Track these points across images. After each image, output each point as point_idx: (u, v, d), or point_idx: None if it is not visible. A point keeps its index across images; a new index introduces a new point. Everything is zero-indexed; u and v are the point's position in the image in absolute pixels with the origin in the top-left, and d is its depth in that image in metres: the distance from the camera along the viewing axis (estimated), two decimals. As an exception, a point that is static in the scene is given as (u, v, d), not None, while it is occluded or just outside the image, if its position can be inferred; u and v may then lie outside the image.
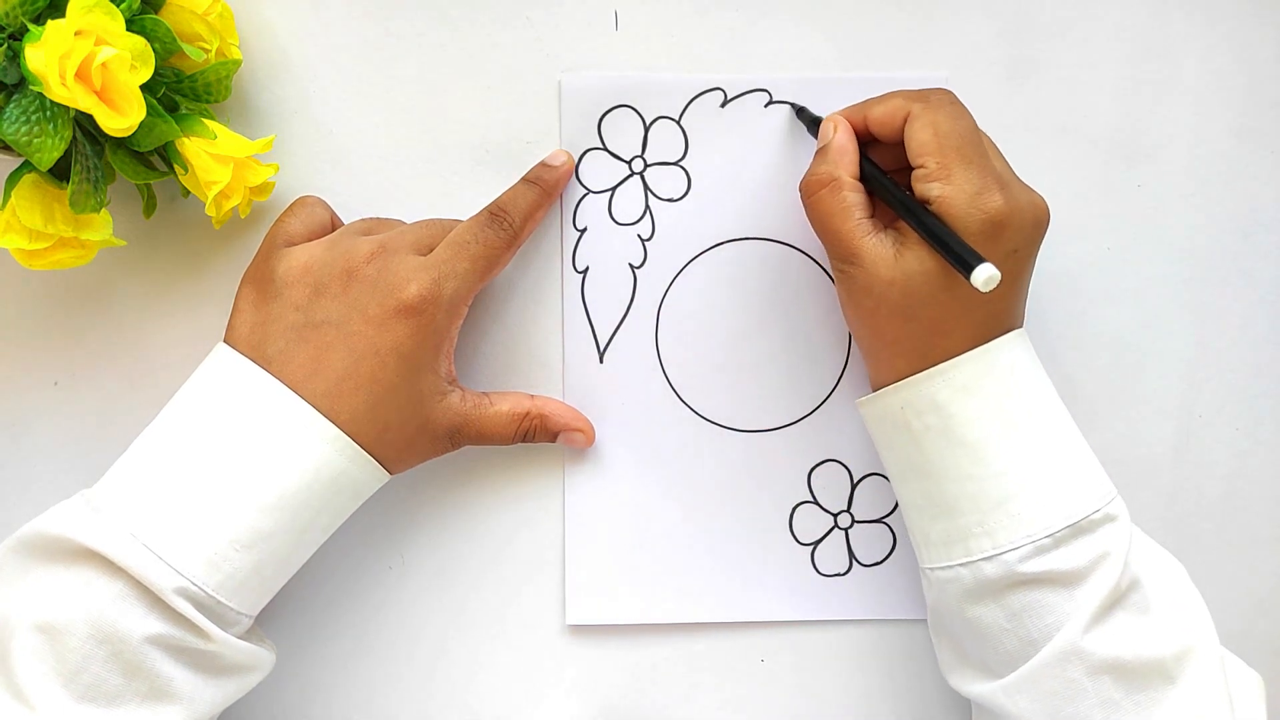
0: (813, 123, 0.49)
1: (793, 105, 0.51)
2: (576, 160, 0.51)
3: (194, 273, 0.51)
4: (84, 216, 0.45)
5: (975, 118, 0.45)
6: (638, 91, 0.51)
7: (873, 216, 0.45)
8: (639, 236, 0.51)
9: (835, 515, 0.52)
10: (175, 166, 0.47)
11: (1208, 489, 0.52)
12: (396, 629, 0.51)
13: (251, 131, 0.51)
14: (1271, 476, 0.53)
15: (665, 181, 0.51)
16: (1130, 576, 0.42)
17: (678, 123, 0.51)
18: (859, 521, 0.52)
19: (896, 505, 0.52)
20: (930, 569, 0.46)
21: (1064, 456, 0.44)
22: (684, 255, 0.51)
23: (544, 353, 0.51)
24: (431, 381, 0.46)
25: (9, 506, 0.51)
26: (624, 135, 0.51)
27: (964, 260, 0.41)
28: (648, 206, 0.51)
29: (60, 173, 0.45)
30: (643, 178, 0.51)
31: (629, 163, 0.51)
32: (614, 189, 0.51)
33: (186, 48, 0.46)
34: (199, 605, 0.42)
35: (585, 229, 0.51)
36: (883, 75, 0.51)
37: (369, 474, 0.46)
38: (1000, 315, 0.44)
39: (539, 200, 0.49)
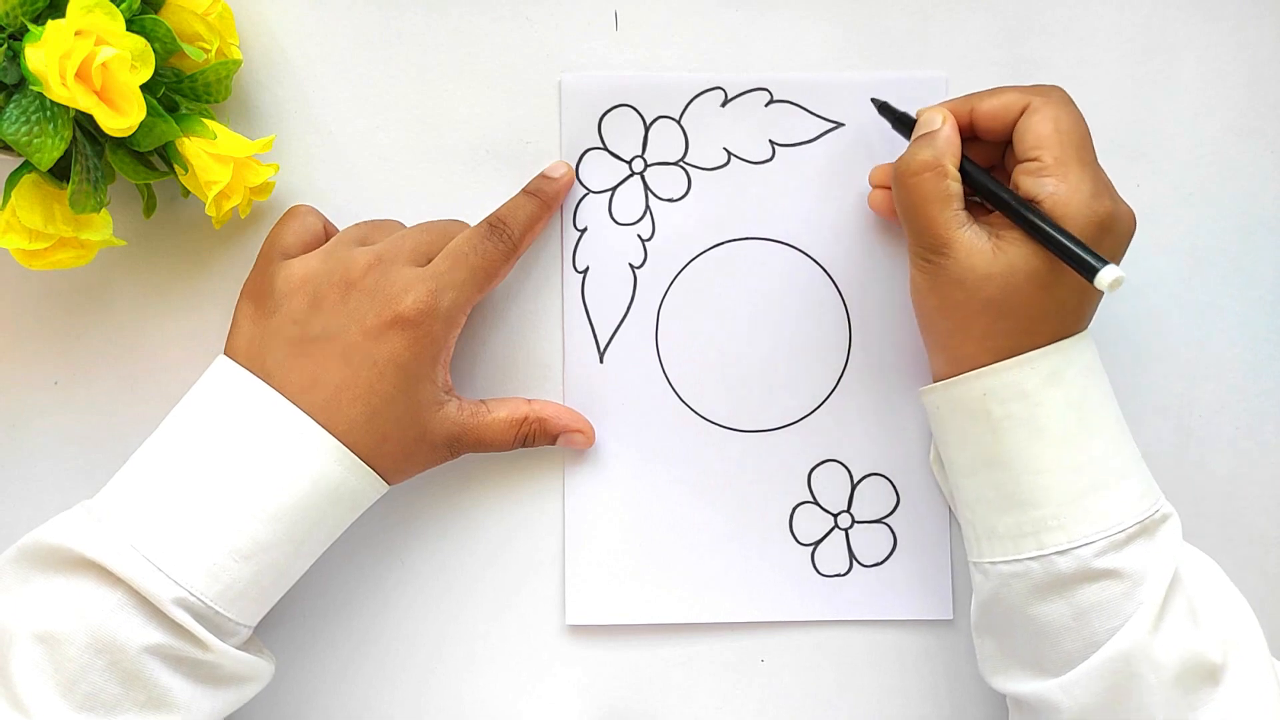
0: (898, 120, 0.49)
1: (875, 101, 0.50)
2: (577, 160, 0.51)
3: (194, 273, 0.51)
4: (84, 216, 0.45)
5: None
6: (638, 91, 0.51)
7: (966, 206, 0.45)
8: (639, 236, 0.51)
9: (835, 515, 0.52)
10: (175, 166, 0.47)
11: (1208, 489, 0.52)
12: (396, 630, 0.51)
13: (251, 131, 0.51)
14: (1271, 476, 0.53)
15: (665, 181, 0.51)
16: (1177, 575, 0.43)
17: (678, 122, 0.51)
18: (859, 522, 0.52)
19: (897, 505, 0.52)
20: (992, 563, 0.45)
21: (1132, 453, 0.45)
22: (684, 255, 0.51)
23: (544, 353, 0.51)
24: (429, 392, 0.46)
25: (9, 506, 0.51)
26: (624, 135, 0.51)
27: (1086, 263, 0.41)
28: (648, 206, 0.51)
29: (60, 173, 0.45)
30: (643, 178, 0.51)
31: (629, 162, 0.51)
32: (614, 189, 0.51)
33: (186, 48, 0.46)
34: (198, 616, 0.42)
35: (585, 229, 0.51)
36: (883, 75, 0.51)
37: (368, 484, 0.46)
38: (1082, 316, 0.45)
39: (539, 212, 0.49)
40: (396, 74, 0.51)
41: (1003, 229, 0.44)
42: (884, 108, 0.49)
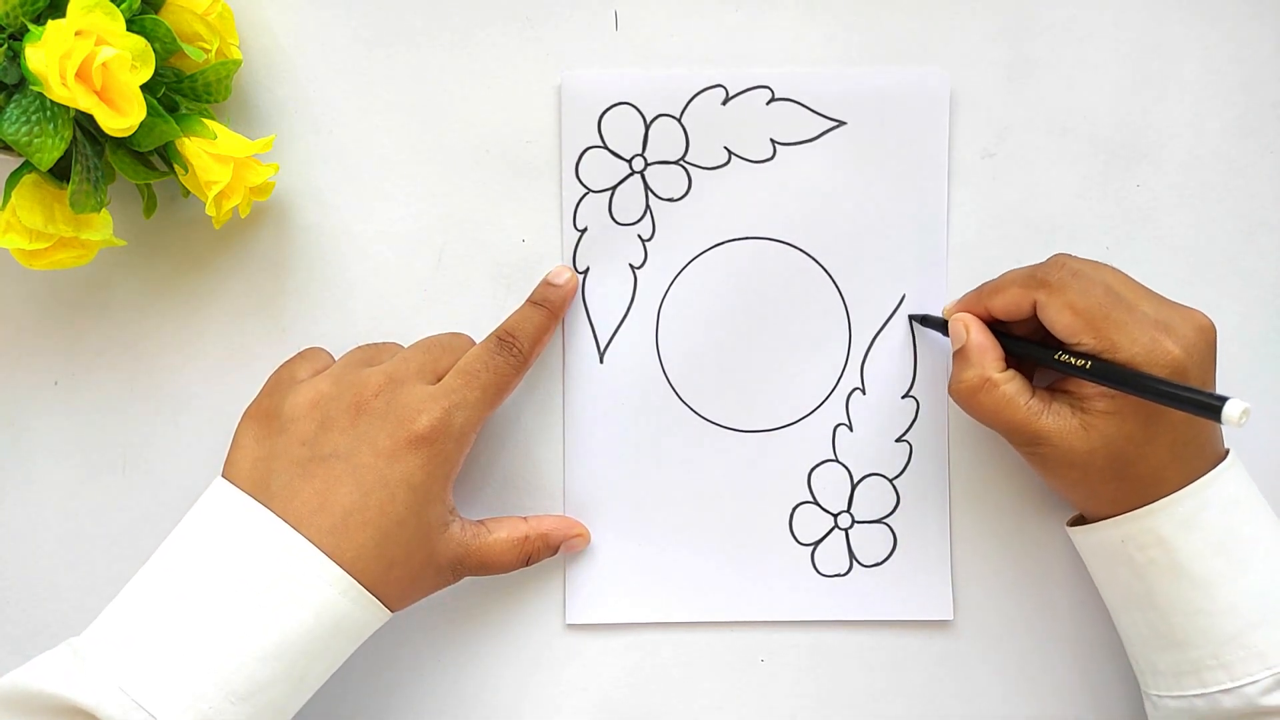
0: (939, 325, 0.50)
1: (911, 316, 0.51)
2: (576, 158, 0.51)
3: (194, 273, 0.51)
4: (84, 216, 0.45)
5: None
6: (638, 89, 0.51)
7: (1034, 394, 0.45)
8: (639, 236, 0.51)
9: (835, 515, 0.52)
10: (175, 166, 0.46)
11: (1207, 489, 0.52)
12: (395, 629, 0.51)
13: (251, 131, 0.51)
14: (1272, 476, 0.52)
15: (666, 180, 0.51)
16: None
17: (679, 121, 0.51)
18: (859, 522, 0.52)
19: (897, 505, 0.52)
20: (1158, 696, 0.45)
21: None
22: (685, 255, 0.51)
23: (544, 352, 0.51)
24: (438, 513, 0.45)
25: (9, 506, 0.51)
26: (624, 134, 0.51)
27: (1205, 405, 0.39)
28: (648, 206, 0.51)
29: (60, 173, 0.45)
30: (643, 176, 0.51)
31: (629, 161, 0.51)
32: (614, 188, 0.51)
33: (186, 48, 0.46)
34: None
35: (585, 229, 0.51)
36: (883, 75, 0.51)
37: (371, 615, 0.44)
38: (1207, 445, 0.44)
39: (547, 322, 0.49)
40: (397, 74, 0.51)
41: (1082, 399, 0.44)
42: (924, 319, 0.51)
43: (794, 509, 0.52)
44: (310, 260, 0.51)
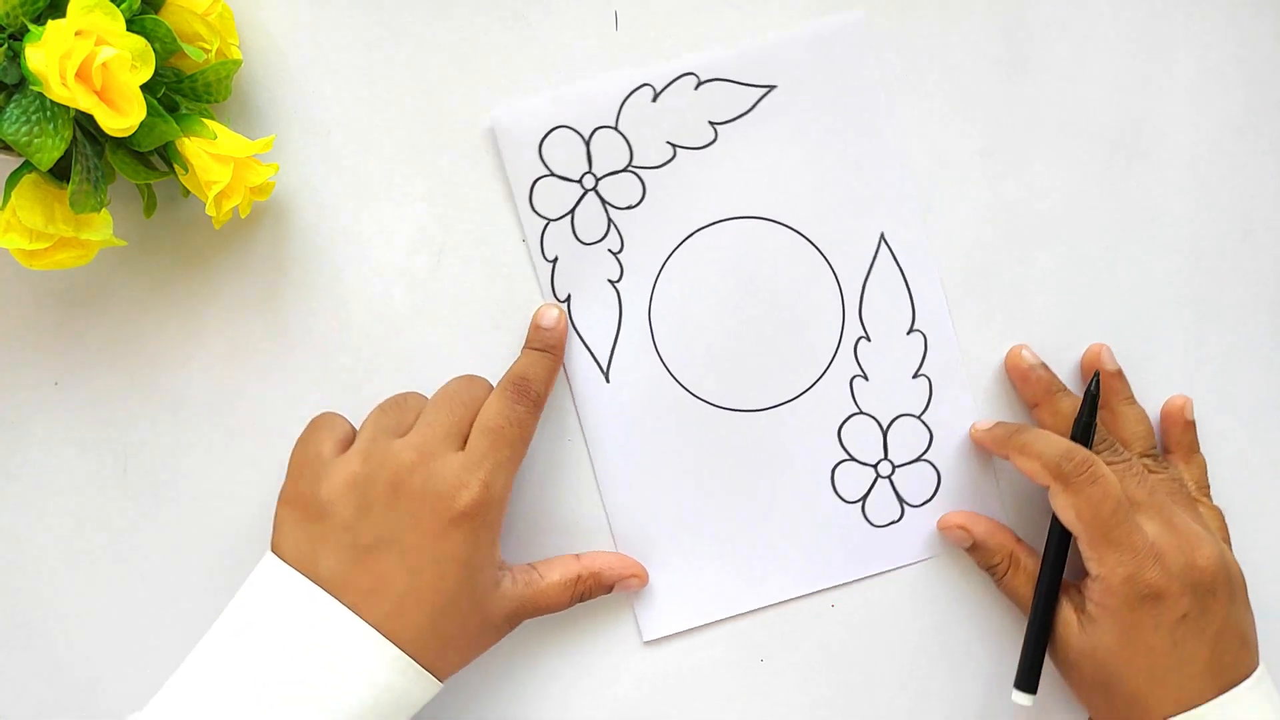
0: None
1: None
2: (529, 189, 0.50)
3: (194, 273, 0.51)
4: (84, 216, 0.45)
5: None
6: (569, 109, 0.50)
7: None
8: (610, 251, 0.51)
9: (875, 465, 0.51)
10: (175, 166, 0.47)
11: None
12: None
13: (251, 131, 0.51)
14: (1271, 476, 0.52)
15: (619, 190, 0.51)
16: None
17: (615, 129, 0.51)
18: (899, 466, 0.51)
19: (931, 440, 0.51)
20: None
21: None
22: (658, 257, 0.51)
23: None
24: (488, 575, 0.45)
25: (9, 506, 0.51)
26: (567, 155, 0.51)
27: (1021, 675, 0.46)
28: (609, 219, 0.51)
29: (60, 173, 0.45)
30: (597, 192, 0.51)
31: (579, 181, 0.51)
32: (572, 211, 0.51)
33: (186, 48, 0.46)
34: None
35: (556, 258, 0.51)
36: (801, 31, 0.50)
37: (427, 691, 0.44)
38: (1223, 665, 0.44)
39: (554, 365, 0.49)
40: (396, 74, 0.51)
41: (1094, 600, 0.45)
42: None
43: (834, 469, 0.51)
44: (310, 260, 0.51)
